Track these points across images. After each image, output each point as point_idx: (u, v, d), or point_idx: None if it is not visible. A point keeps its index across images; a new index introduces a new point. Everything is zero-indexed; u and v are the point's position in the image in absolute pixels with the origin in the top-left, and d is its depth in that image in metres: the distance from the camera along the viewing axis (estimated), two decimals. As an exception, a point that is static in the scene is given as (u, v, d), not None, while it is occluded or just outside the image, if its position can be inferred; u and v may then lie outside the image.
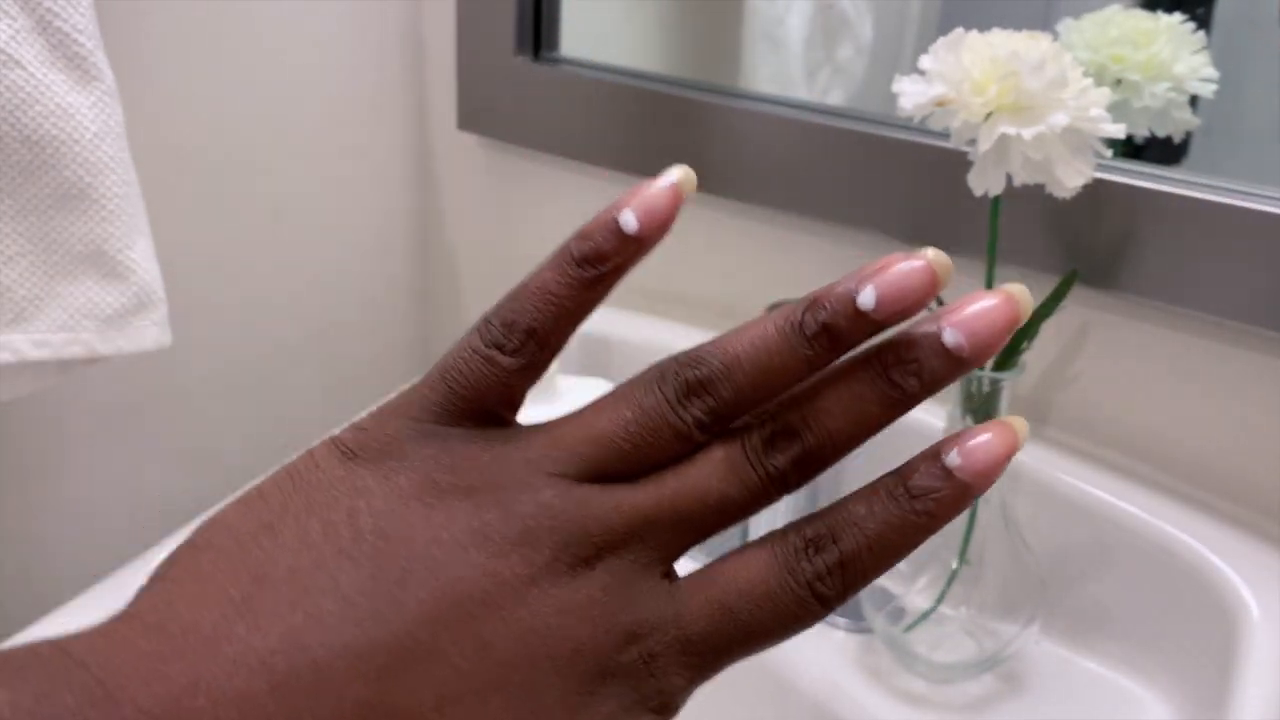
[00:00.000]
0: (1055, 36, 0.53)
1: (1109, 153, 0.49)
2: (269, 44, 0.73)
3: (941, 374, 0.23)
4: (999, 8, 0.59)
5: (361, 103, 0.81)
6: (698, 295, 0.75)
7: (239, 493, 0.23)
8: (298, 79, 0.76)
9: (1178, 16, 0.56)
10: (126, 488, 0.73)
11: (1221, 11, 0.56)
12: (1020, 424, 0.23)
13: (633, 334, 0.73)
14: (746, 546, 0.24)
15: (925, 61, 0.50)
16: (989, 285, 0.54)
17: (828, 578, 0.23)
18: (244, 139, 0.73)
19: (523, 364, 0.24)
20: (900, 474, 0.23)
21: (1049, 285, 0.55)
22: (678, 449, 0.23)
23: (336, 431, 0.24)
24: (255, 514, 0.22)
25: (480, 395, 0.24)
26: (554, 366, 0.66)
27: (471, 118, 0.80)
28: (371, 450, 0.23)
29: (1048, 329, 0.55)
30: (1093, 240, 0.57)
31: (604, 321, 0.75)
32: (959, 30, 0.49)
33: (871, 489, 0.23)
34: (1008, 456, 0.23)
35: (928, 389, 0.23)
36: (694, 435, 0.23)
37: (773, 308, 0.25)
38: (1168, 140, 0.57)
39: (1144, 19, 0.57)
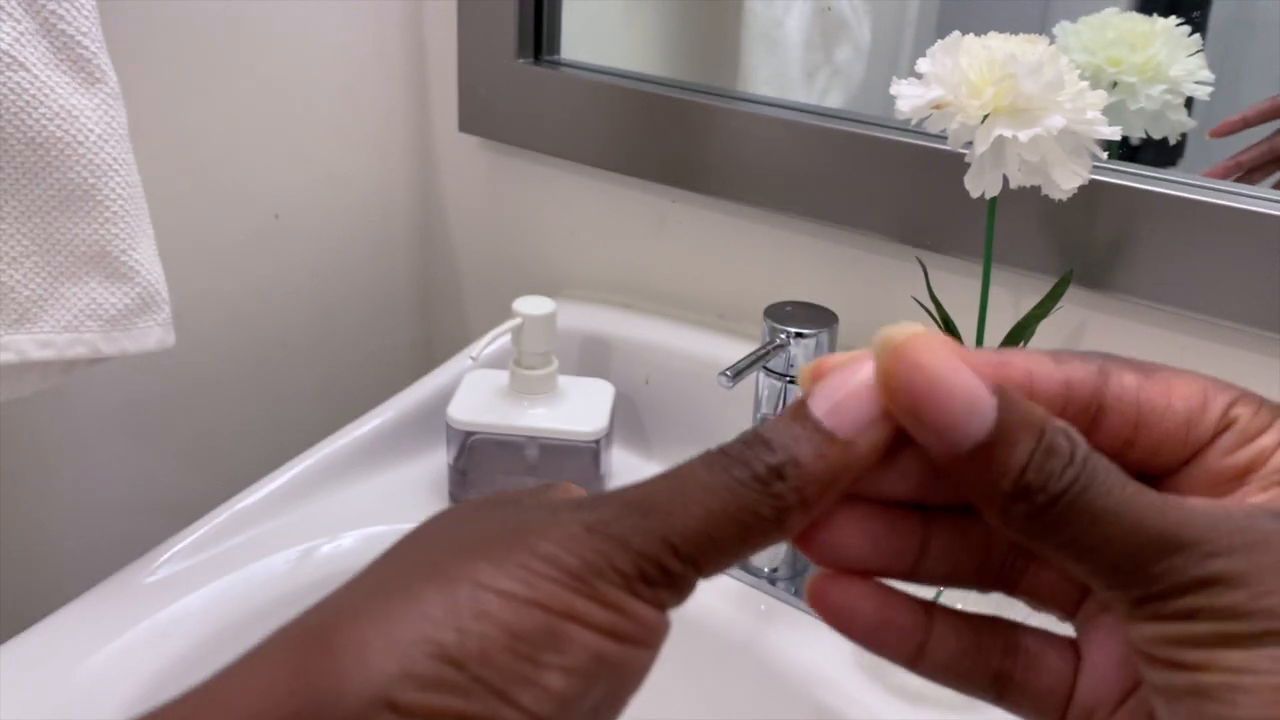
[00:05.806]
0: (1052, 39, 0.54)
1: (1105, 154, 0.50)
2: (271, 47, 0.73)
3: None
4: (996, 10, 0.59)
5: (363, 105, 0.81)
6: (697, 295, 0.75)
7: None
8: (300, 81, 0.76)
9: (1174, 19, 0.56)
10: (129, 487, 0.74)
11: (1217, 14, 0.57)
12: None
13: (633, 334, 0.74)
14: None
15: (922, 64, 0.50)
16: (985, 286, 0.55)
17: None
18: (246, 141, 0.74)
19: None
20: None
21: (1045, 286, 0.56)
22: None
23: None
24: None
25: None
26: (554, 365, 0.67)
27: (473, 120, 0.81)
28: None
29: (1044, 330, 0.56)
30: (1089, 241, 0.58)
31: (604, 321, 0.76)
32: (956, 33, 0.49)
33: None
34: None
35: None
36: None
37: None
38: (1163, 142, 0.58)
39: (1140, 22, 0.57)
